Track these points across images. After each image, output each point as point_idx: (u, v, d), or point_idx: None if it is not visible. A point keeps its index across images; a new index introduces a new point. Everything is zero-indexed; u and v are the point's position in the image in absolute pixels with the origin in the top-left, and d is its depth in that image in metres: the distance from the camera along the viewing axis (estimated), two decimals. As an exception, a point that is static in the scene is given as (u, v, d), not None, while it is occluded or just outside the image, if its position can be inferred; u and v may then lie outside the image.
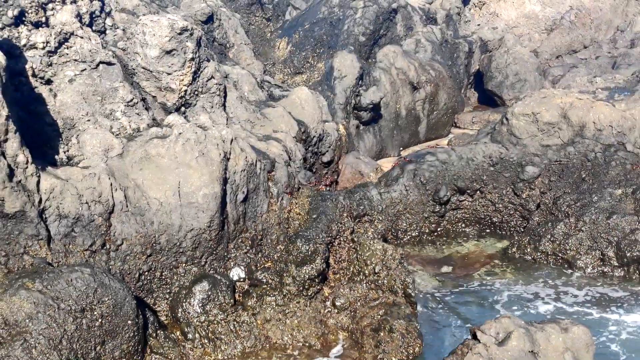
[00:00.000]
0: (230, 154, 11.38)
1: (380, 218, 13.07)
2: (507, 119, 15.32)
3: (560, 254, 13.49)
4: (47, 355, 8.77)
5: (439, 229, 15.07)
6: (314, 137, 14.82)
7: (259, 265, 11.51)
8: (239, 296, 11.11)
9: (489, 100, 23.52)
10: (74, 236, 10.13)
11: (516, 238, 14.30)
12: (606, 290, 12.72)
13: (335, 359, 10.44)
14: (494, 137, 15.41)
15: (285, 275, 11.09)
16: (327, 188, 14.74)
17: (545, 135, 14.88)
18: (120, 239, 10.42)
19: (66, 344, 8.97)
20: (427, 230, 14.99)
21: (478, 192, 14.93)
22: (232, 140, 11.51)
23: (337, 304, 11.15)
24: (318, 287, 11.24)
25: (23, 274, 9.38)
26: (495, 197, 14.85)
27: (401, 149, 19.72)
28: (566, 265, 13.39)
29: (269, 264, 11.49)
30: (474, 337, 7.97)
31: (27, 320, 8.87)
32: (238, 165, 11.45)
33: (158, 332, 10.21)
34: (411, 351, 10.19)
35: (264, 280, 11.15)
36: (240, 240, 11.57)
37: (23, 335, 8.78)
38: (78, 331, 9.13)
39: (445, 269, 14.00)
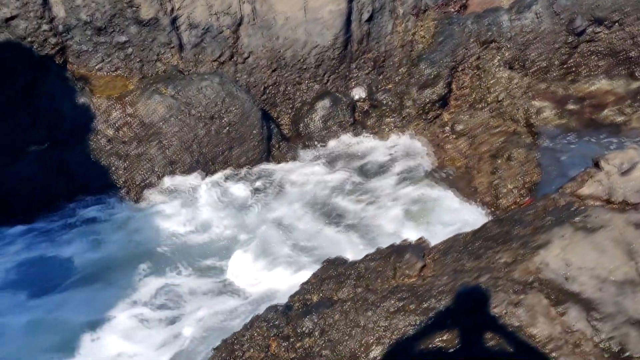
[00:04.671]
0: (357, -30, 11.11)
1: (509, 45, 12.58)
2: (660, -57, 13.93)
3: (699, 94, 12.70)
4: (180, 155, 9.40)
5: (569, 61, 14.38)
6: (445, -43, 14.12)
7: (379, 86, 11.54)
8: (359, 116, 11.28)
9: None
10: (203, 46, 10.44)
11: (653, 75, 13.50)
12: None
13: (451, 181, 10.58)
14: (643, -37, 14.13)
15: (405, 97, 11.10)
16: (455, 11, 14.22)
17: (703, -37, 13.51)
18: (247, 52, 10.66)
19: (196, 147, 9.55)
20: (556, 62, 14.33)
21: (617, 23, 13.97)
22: (360, -45, 11.18)
23: (456, 129, 11.12)
24: (438, 112, 11.21)
25: (157, 79, 9.86)
26: (635, 30, 13.86)
27: (537, -25, 18.51)
28: None
29: (390, 85, 11.49)
30: (596, 165, 7.81)
31: (161, 123, 9.46)
32: (365, -18, 11.19)
33: (281, 143, 10.63)
34: (528, 179, 10.15)
35: (384, 101, 11.21)
36: (362, 60, 11.55)
37: (158, 136, 9.40)
38: (207, 136, 9.66)
39: (572, 104, 13.49)
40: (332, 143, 10.94)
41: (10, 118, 9.09)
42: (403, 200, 9.58)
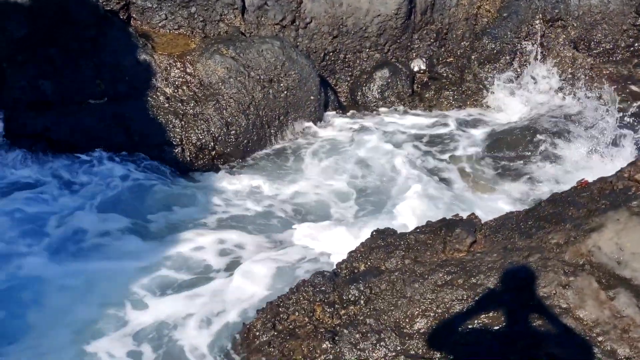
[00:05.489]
0: (425, -61, 10.94)
1: (575, 25, 12.28)
2: None
3: None
4: (236, 117, 9.50)
5: (636, 44, 13.97)
6: None
7: (440, 59, 11.43)
8: (417, 87, 11.20)
9: None
10: (266, 9, 10.46)
11: None
12: None
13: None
14: None
15: (466, 71, 10.97)
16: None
17: None
18: (309, 17, 10.64)
19: (253, 109, 9.63)
20: (622, 45, 13.93)
21: (691, 7, 13.49)
22: None
23: (515, 106, 10.99)
24: (498, 88, 11.07)
25: (218, 40, 9.94)
26: None
27: (610, -48, 17.92)
28: None
29: (451, 59, 11.37)
30: (657, 152, 7.68)
31: (219, 84, 9.55)
32: (432, -48, 11.03)
33: (337, 111, 10.65)
34: (586, 160, 10.00)
35: (444, 74, 11.11)
36: (425, 32, 11.43)
37: (216, 96, 9.50)
38: (265, 100, 9.73)
39: (635, 87, 13.14)
40: (385, 110, 10.91)
41: (74, 70, 9.29)
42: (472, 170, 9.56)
